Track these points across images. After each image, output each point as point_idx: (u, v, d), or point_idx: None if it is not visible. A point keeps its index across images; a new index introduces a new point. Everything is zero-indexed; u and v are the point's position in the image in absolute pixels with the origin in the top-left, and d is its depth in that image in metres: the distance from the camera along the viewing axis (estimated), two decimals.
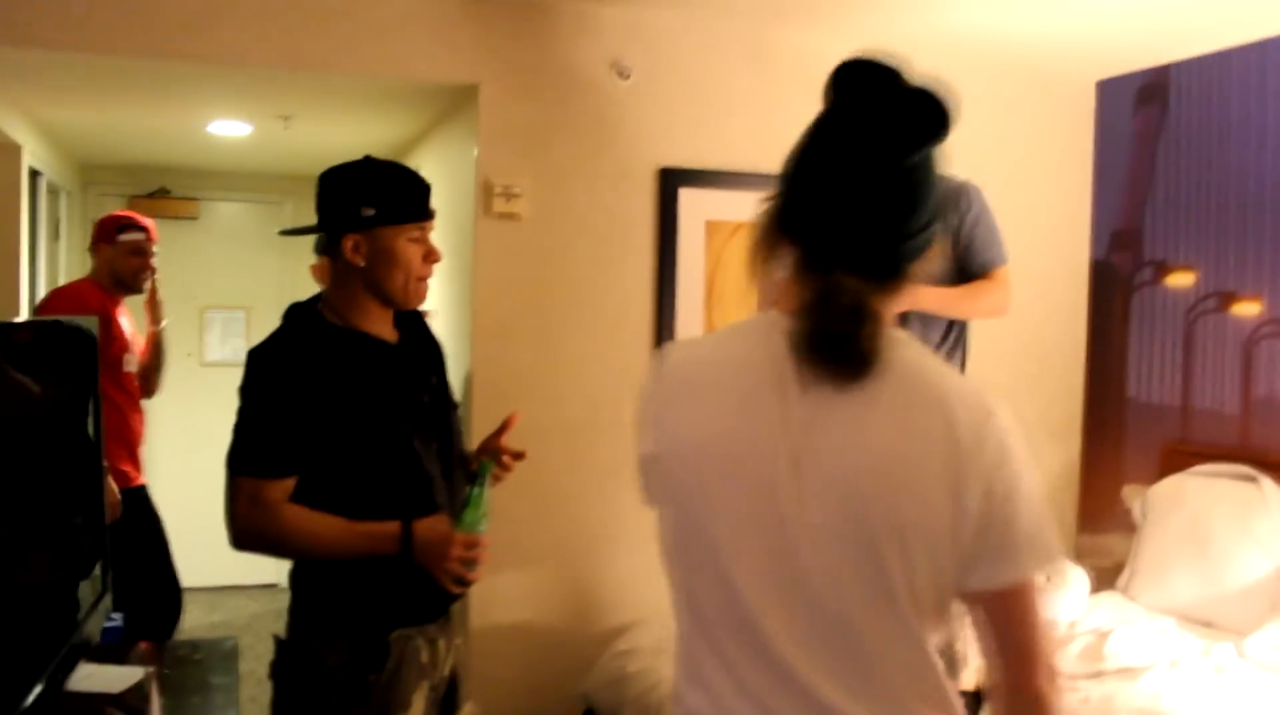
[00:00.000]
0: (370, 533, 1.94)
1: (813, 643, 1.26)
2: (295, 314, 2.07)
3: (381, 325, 2.07)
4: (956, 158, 3.57)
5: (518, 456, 2.18)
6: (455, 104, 4.05)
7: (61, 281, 5.42)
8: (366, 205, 1.98)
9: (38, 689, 1.65)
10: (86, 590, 2.03)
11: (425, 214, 2.06)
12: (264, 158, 5.77)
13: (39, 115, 4.57)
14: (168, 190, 6.18)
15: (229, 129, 4.86)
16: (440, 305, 4.15)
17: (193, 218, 6.24)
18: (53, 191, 5.19)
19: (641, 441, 1.38)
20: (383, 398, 2.00)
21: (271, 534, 1.94)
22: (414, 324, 2.17)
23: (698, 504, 1.30)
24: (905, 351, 1.28)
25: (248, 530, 1.94)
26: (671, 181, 3.86)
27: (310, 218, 2.09)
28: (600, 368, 3.78)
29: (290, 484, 1.94)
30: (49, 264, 5.15)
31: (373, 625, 1.98)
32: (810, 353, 1.24)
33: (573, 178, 3.77)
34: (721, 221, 3.91)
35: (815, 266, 1.26)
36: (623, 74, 3.77)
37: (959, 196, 3.00)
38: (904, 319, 2.94)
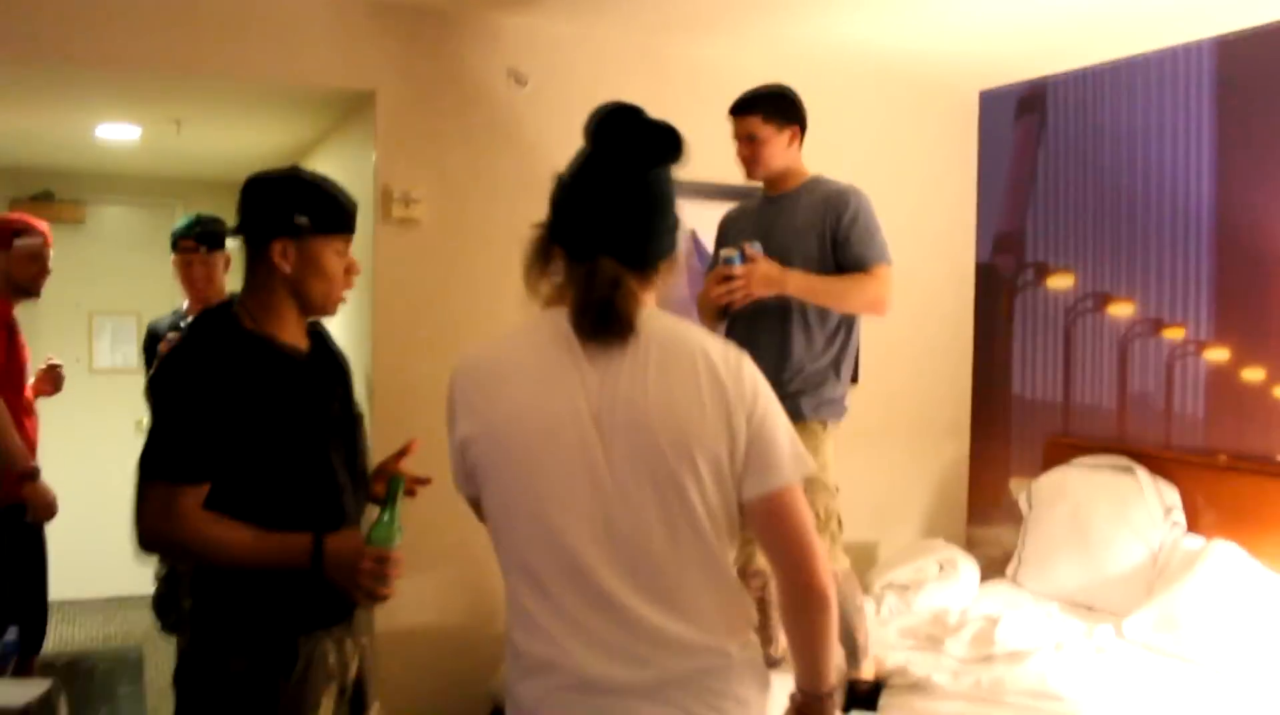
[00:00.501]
0: (281, 545, 1.92)
1: (633, 575, 1.54)
2: (209, 318, 2.05)
3: (297, 333, 2.07)
4: (846, 164, 3.71)
5: (422, 482, 2.16)
6: (352, 109, 4.03)
7: None
8: (300, 213, 1.98)
9: None
10: None
11: (351, 228, 2.08)
12: (154, 161, 5.65)
13: None
14: (52, 194, 6.01)
15: (117, 133, 4.76)
16: (340, 312, 4.11)
17: (79, 222, 6.09)
18: None
19: (457, 429, 1.65)
20: (297, 407, 2.00)
21: (180, 540, 1.92)
22: (317, 336, 2.17)
23: (518, 471, 1.58)
24: (663, 320, 1.62)
25: (157, 536, 1.93)
26: None
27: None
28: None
29: (203, 491, 1.93)
30: None
31: (278, 630, 1.96)
32: (582, 320, 1.56)
33: (472, 184, 3.79)
34: None
35: (580, 257, 1.60)
36: (520, 81, 3.79)
37: (840, 199, 3.04)
38: (788, 321, 3.03)
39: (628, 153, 1.62)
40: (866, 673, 3.15)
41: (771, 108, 3.06)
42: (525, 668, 1.59)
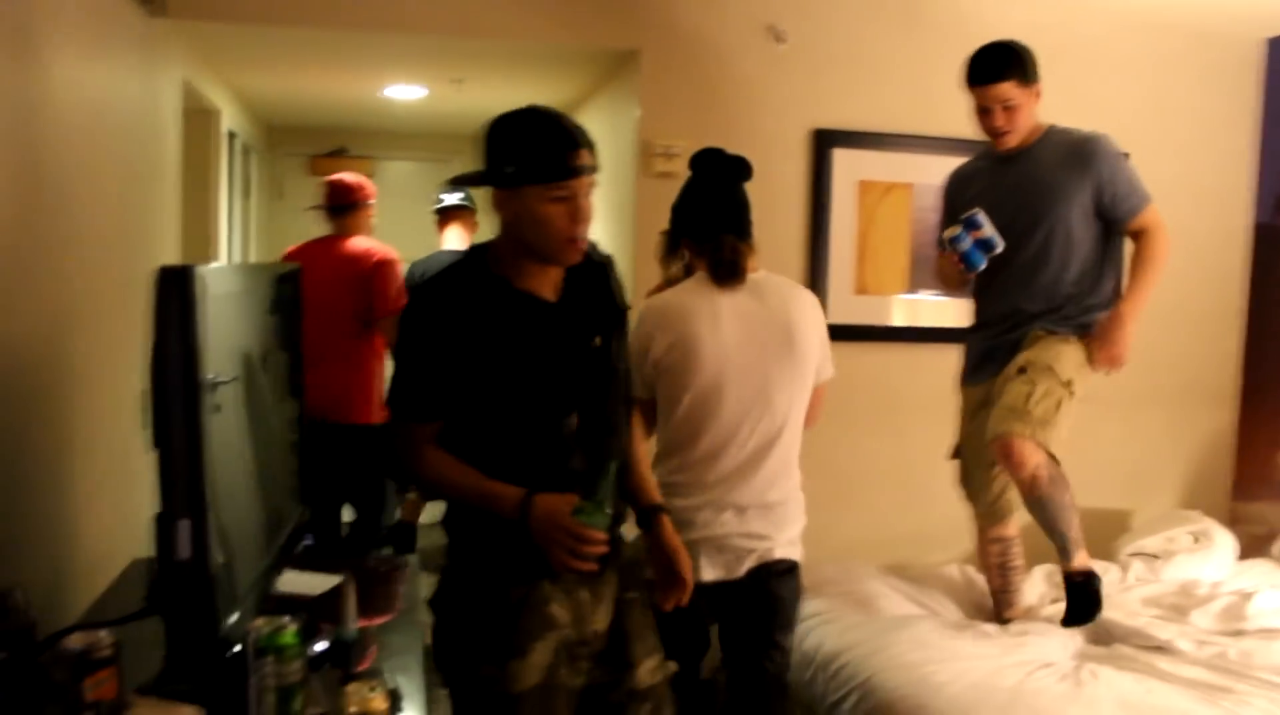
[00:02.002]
0: (494, 493, 1.93)
1: (760, 452, 2.51)
2: (463, 258, 2.05)
3: (540, 281, 2.00)
4: (1109, 117, 3.58)
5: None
6: (618, 67, 4.23)
7: (252, 234, 5.83)
8: (508, 163, 1.92)
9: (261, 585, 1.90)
10: (293, 506, 2.28)
11: (567, 172, 1.91)
12: (436, 118, 6.07)
13: (234, 82, 4.94)
14: (345, 150, 6.54)
15: (404, 92, 5.15)
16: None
17: (369, 176, 6.58)
18: (244, 151, 5.58)
19: (651, 352, 2.49)
20: (527, 356, 1.96)
21: (416, 473, 2.00)
22: (594, 279, 2.10)
23: (702, 374, 2.47)
24: (765, 274, 2.58)
25: (401, 468, 2.03)
26: (825, 142, 3.97)
27: None
28: None
29: (432, 428, 1.97)
30: (242, 219, 5.55)
31: (491, 575, 1.99)
32: (718, 273, 2.51)
33: (729, 139, 3.85)
34: (874, 181, 4.01)
35: (706, 239, 2.54)
36: (779, 38, 3.88)
37: (1088, 151, 3.01)
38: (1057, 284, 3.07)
39: (727, 174, 2.59)
40: (1079, 563, 3.07)
41: (1020, 70, 2.99)
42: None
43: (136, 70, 3.13)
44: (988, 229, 2.98)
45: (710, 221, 2.54)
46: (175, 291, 1.47)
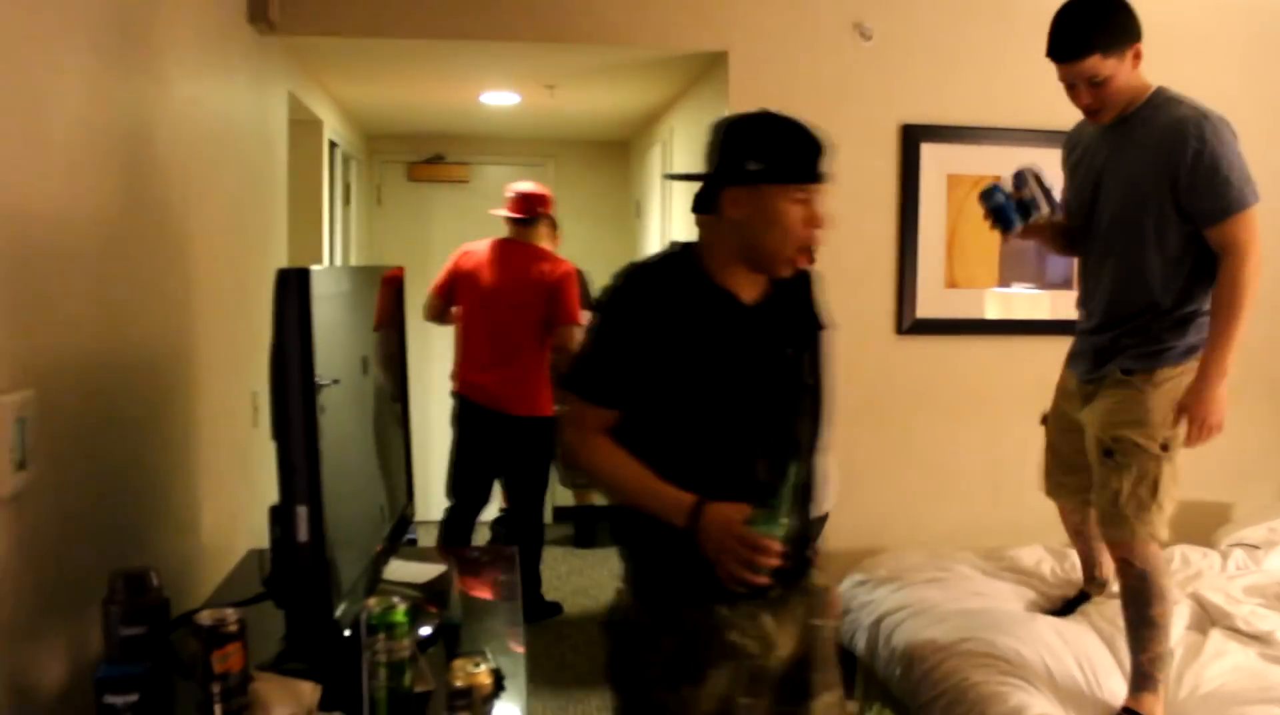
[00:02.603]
0: (663, 496, 1.87)
1: None
2: (673, 249, 2.03)
3: (744, 284, 1.97)
4: (1225, 86, 3.38)
5: None
6: (706, 69, 4.29)
7: (354, 241, 6.02)
8: (753, 159, 1.89)
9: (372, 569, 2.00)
10: (401, 496, 2.38)
11: (813, 176, 1.90)
12: (530, 124, 6.19)
13: (335, 93, 5.11)
14: (442, 157, 6.70)
15: (499, 99, 5.28)
16: None
17: (464, 181, 6.75)
18: (345, 160, 5.75)
19: None
20: (717, 355, 1.92)
21: (580, 457, 1.96)
22: (796, 289, 2.05)
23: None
24: None
25: (567, 448, 1.99)
26: (914, 137, 3.98)
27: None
28: (845, 319, 3.91)
29: (608, 415, 1.93)
30: (343, 226, 5.73)
31: (665, 596, 1.95)
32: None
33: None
34: (963, 175, 4.01)
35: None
36: (865, 35, 3.91)
37: (1177, 134, 2.60)
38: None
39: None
40: (1147, 709, 2.69)
41: (1108, 38, 2.61)
42: None
43: (249, 85, 3.28)
44: (1032, 189, 2.75)
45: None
46: (294, 291, 1.57)
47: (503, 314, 4.54)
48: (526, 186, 4.73)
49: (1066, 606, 3.30)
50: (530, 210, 4.65)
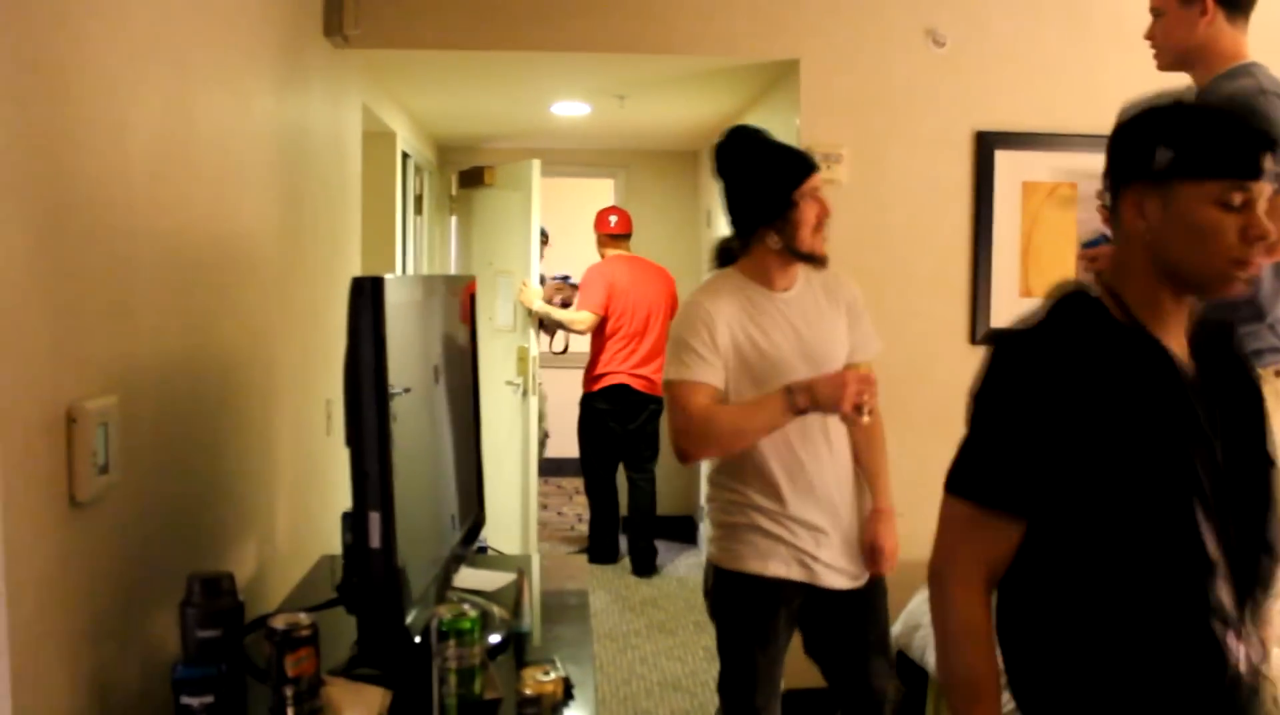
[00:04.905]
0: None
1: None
2: (1069, 303, 1.54)
3: (1175, 328, 1.51)
4: None
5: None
6: (778, 77, 4.27)
7: (425, 251, 6.09)
8: (1163, 146, 1.42)
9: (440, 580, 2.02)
10: (472, 505, 2.40)
11: (1253, 171, 1.40)
12: (599, 134, 6.22)
13: (408, 104, 5.17)
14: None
15: (570, 109, 5.31)
16: None
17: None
18: (417, 170, 5.82)
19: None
20: (1165, 442, 1.45)
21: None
22: (1214, 341, 1.57)
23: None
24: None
25: (950, 601, 1.56)
26: (988, 144, 3.93)
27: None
28: (918, 327, 3.91)
29: (1014, 528, 1.51)
30: (415, 236, 5.80)
31: None
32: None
33: (891, 143, 3.92)
34: (1038, 182, 3.95)
35: None
36: (938, 42, 3.87)
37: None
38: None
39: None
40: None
41: None
42: None
43: (324, 98, 3.34)
44: None
45: None
46: (368, 299, 1.59)
47: (649, 316, 5.69)
48: (622, 209, 5.97)
49: None
50: (629, 228, 5.87)
